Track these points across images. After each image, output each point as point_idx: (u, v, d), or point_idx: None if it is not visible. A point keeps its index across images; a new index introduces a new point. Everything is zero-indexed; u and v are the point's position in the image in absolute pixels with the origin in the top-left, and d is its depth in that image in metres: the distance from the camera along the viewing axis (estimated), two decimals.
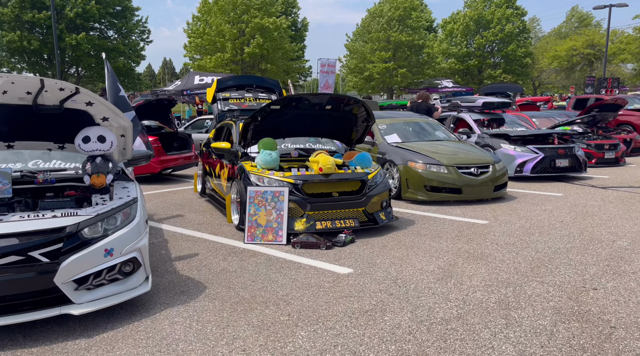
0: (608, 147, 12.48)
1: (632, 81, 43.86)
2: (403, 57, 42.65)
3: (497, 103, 11.98)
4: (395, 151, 8.27)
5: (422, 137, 9.13)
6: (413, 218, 6.75)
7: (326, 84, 18.06)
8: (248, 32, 33.08)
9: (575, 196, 8.40)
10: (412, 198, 7.83)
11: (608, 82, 20.06)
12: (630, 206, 7.54)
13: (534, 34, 72.08)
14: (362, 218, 5.74)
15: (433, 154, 7.96)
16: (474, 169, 7.82)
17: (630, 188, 9.17)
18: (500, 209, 7.39)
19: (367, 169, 6.00)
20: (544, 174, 10.06)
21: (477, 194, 7.83)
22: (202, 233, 5.83)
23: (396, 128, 9.16)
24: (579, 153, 10.34)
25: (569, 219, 6.70)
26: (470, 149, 8.50)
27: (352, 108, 6.24)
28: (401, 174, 7.96)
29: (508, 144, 10.33)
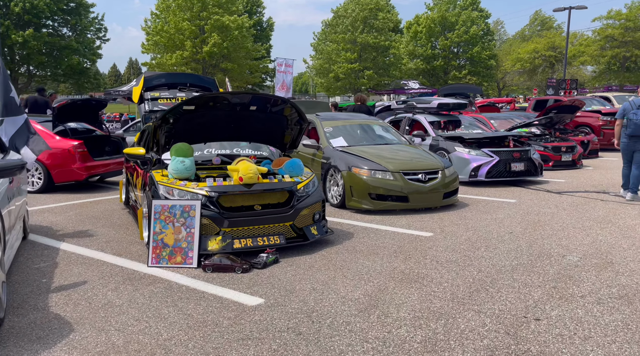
0: (565, 150, 12.22)
1: (592, 82, 44.75)
2: (369, 58, 42.37)
3: (453, 104, 11.56)
4: (340, 155, 7.67)
5: (371, 140, 8.57)
6: (352, 231, 6.15)
7: (283, 84, 17.41)
8: (207, 29, 32.10)
9: (528, 203, 7.98)
10: (356, 206, 7.24)
11: (567, 83, 20.07)
12: (584, 213, 7.14)
13: (498, 36, 73.21)
14: (290, 234, 5.10)
15: (379, 160, 7.40)
16: (422, 175, 7.29)
17: (585, 193, 8.82)
18: (449, 218, 6.87)
19: (298, 177, 5.37)
20: (499, 178, 9.65)
21: (425, 202, 7.30)
22: (105, 253, 5.07)
23: (343, 131, 8.57)
24: (534, 156, 9.98)
25: (519, 229, 6.22)
26: (419, 154, 7.97)
27: (283, 109, 5.60)
28: (345, 181, 7.36)
29: (462, 147, 9.89)
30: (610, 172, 11.43)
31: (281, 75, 17.23)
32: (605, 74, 42.15)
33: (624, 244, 5.49)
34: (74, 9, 37.30)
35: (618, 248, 5.37)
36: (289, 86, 17.66)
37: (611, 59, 39.65)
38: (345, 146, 8.07)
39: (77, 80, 39.36)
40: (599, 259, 4.97)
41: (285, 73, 17.56)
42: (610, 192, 8.91)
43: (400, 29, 59.52)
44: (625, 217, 6.87)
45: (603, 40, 38.92)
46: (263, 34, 53.90)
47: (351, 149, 7.90)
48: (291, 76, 18.09)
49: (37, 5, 33.90)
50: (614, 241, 5.63)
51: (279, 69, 17.11)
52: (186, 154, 5.03)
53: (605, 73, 42.63)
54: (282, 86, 17.29)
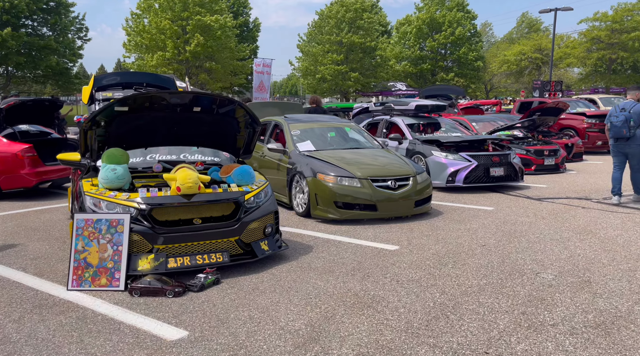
0: (548, 153, 11.83)
1: (578, 85, 44.71)
2: (356, 59, 41.92)
3: (432, 106, 11.11)
4: (306, 161, 7.17)
5: (342, 144, 8.08)
6: (312, 244, 5.65)
7: (261, 85, 16.86)
8: (189, 29, 31.47)
9: (506, 211, 7.53)
10: (322, 216, 6.74)
11: (551, 85, 19.76)
12: (563, 222, 6.70)
13: (486, 39, 73.23)
14: (235, 250, 4.58)
15: (347, 165, 6.91)
16: (392, 182, 6.81)
17: (566, 199, 8.40)
18: (419, 229, 6.39)
19: (247, 186, 4.86)
20: (477, 184, 9.20)
21: (395, 210, 6.82)
22: (26, 273, 4.52)
23: (312, 134, 8.07)
24: (514, 161, 9.55)
25: (492, 241, 5.75)
26: (391, 159, 7.49)
27: (233, 111, 5.08)
28: (310, 188, 6.86)
29: (439, 151, 9.43)
30: (594, 176, 11.05)
31: (259, 76, 16.67)
32: (592, 76, 42.09)
33: (603, 259, 5.04)
34: (53, 8, 36.47)
35: (597, 263, 4.92)
36: (268, 87, 17.11)
37: (597, 61, 39.56)
38: (313, 151, 7.57)
39: (57, 81, 38.47)
40: (575, 277, 4.52)
41: (263, 74, 17.01)
42: (593, 198, 8.51)
43: (389, 31, 59.26)
44: (606, 227, 6.44)
45: (589, 42, 38.84)
46: (249, 34, 53.27)
47: (318, 153, 7.40)
48: (269, 77, 17.55)
49: (16, 5, 33.02)
50: (593, 256, 5.18)
51: (256, 69, 16.55)
52: (119, 161, 4.50)
53: (592, 75, 42.59)
54: (260, 86, 16.74)
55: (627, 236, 5.99)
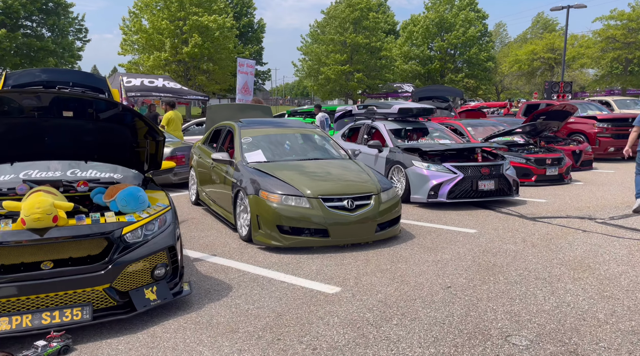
0: (550, 162, 10.57)
1: (593, 86, 42.96)
2: (361, 60, 40.75)
3: (417, 109, 9.94)
4: (252, 174, 6.06)
5: (300, 154, 6.95)
6: (235, 282, 4.53)
7: (245, 86, 15.80)
8: (186, 30, 30.56)
9: (491, 234, 6.34)
10: (263, 242, 5.62)
11: (560, 86, 18.42)
12: (557, 252, 5.50)
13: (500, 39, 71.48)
14: (104, 303, 3.49)
15: (296, 181, 5.78)
16: (348, 202, 5.66)
17: (565, 219, 7.18)
18: (377, 260, 5.24)
19: (134, 214, 3.76)
20: (463, 199, 8.01)
21: (352, 236, 5.67)
22: None
23: (265, 142, 6.96)
24: (508, 172, 8.34)
25: (462, 281, 4.59)
26: (353, 173, 6.35)
27: (124, 117, 4.00)
28: (251, 207, 5.75)
29: (420, 161, 8.26)
30: (603, 189, 9.78)
31: (243, 76, 15.62)
32: (607, 78, 40.31)
33: (599, 313, 3.86)
34: (52, 9, 35.90)
35: (590, 319, 3.74)
36: (251, 89, 16.06)
37: (613, 62, 37.84)
38: (262, 162, 6.46)
39: None
40: (558, 344, 3.35)
41: (247, 74, 15.96)
42: (598, 218, 7.28)
43: (397, 31, 57.96)
44: (609, 260, 5.23)
45: (604, 41, 37.12)
46: (254, 36, 52.43)
47: (268, 166, 6.29)
48: (253, 77, 16.48)
49: (11, 5, 32.46)
50: (587, 306, 3.99)
51: (240, 69, 15.52)
52: None
53: (607, 76, 40.81)
54: (244, 88, 15.70)
55: (633, 274, 4.78)
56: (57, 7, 36.01)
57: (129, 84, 22.28)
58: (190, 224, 6.94)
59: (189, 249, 5.63)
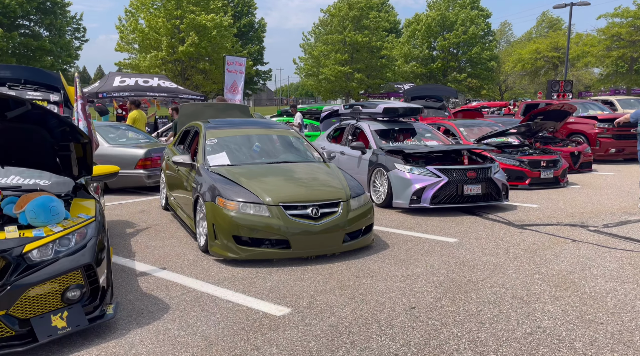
0: (545, 165, 10.06)
1: (597, 85, 42.23)
2: (361, 59, 40.24)
3: (404, 109, 9.45)
4: (212, 179, 5.60)
5: (269, 156, 6.49)
6: (175, 302, 4.07)
7: (234, 85, 15.35)
8: (183, 29, 30.17)
9: (472, 244, 5.86)
10: (220, 254, 5.15)
11: (560, 85, 17.86)
12: (541, 265, 5.01)
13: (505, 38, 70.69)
14: (1, 332, 3.04)
15: (257, 186, 5.32)
16: (312, 210, 5.19)
17: (556, 226, 6.69)
18: (340, 275, 4.77)
19: (45, 228, 3.31)
20: (448, 204, 7.53)
21: (316, 247, 5.19)
22: None
23: (231, 144, 6.50)
24: (496, 176, 7.84)
25: (429, 301, 4.11)
26: (322, 177, 5.87)
27: (37, 116, 3.55)
28: (208, 216, 5.29)
29: (403, 164, 7.78)
30: (600, 193, 9.26)
31: (231, 75, 15.16)
32: (612, 77, 39.58)
33: (578, 343, 3.37)
34: (49, 8, 35.64)
35: (566, 351, 3.26)
36: (240, 88, 15.60)
37: (618, 60, 37.11)
38: (226, 166, 6.00)
39: None
40: None
41: (236, 73, 15.50)
42: (591, 225, 6.77)
43: (399, 30, 57.35)
44: (596, 275, 4.73)
45: (608, 39, 36.42)
46: (255, 35, 51.96)
47: (231, 169, 5.83)
48: (243, 76, 16.03)
49: (8, 4, 32.20)
50: (565, 333, 3.51)
51: (228, 68, 15.04)
52: None
53: (612, 75, 40.08)
54: (232, 87, 15.24)
55: (621, 292, 4.28)
56: (54, 7, 35.75)
57: (122, 83, 21.92)
58: (152, 231, 6.49)
59: (140, 261, 5.18)
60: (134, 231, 6.50)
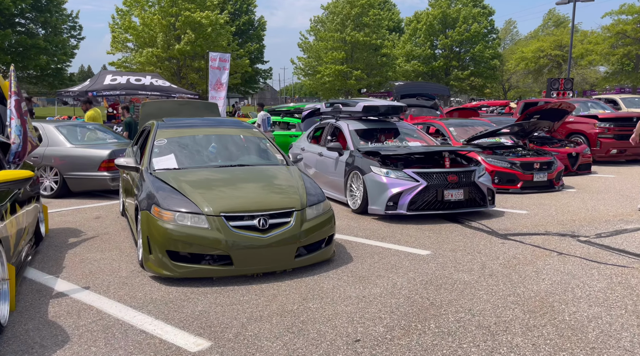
0: (539, 167, 9.41)
1: (602, 83, 41.33)
2: (361, 58, 39.59)
3: (384, 107, 8.82)
4: (152, 185, 5.01)
5: (225, 159, 5.89)
6: (79, 332, 3.48)
7: (217, 82, 14.75)
8: (179, 26, 29.64)
9: (447, 257, 5.24)
10: (154, 270, 4.56)
11: (560, 83, 17.17)
12: (518, 284, 4.39)
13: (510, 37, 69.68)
14: None
15: (198, 194, 4.72)
16: (260, 221, 4.58)
17: (543, 237, 6.06)
18: (285, 297, 4.17)
19: None
20: (427, 211, 6.91)
21: (264, 263, 4.58)
22: None
23: (185, 145, 5.91)
24: (480, 180, 7.21)
25: (378, 331, 3.50)
26: (277, 182, 5.27)
27: None
28: (142, 227, 4.71)
29: (379, 167, 7.16)
30: (597, 197, 8.61)
31: (215, 72, 14.54)
32: (617, 75, 38.65)
33: None
34: (44, 6, 35.22)
35: None
36: (225, 85, 14.99)
37: (622, 58, 36.21)
38: (172, 170, 5.42)
39: (51, 82, 37.27)
40: None
41: (220, 69, 14.89)
42: (582, 235, 6.14)
43: (402, 28, 56.60)
44: (580, 297, 4.10)
45: (614, 37, 35.54)
46: (255, 34, 51.34)
47: (176, 174, 5.25)
48: (227, 72, 15.41)
49: (2, 1, 31.78)
50: None
51: (212, 64, 14.43)
52: None
53: (618, 73, 39.15)
54: (216, 84, 14.64)
55: (606, 320, 3.65)
56: (48, 4, 35.33)
57: (114, 81, 21.39)
58: (96, 241, 5.91)
59: (64, 278, 4.60)
60: (77, 241, 5.92)
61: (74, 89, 23.09)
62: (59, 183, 8.75)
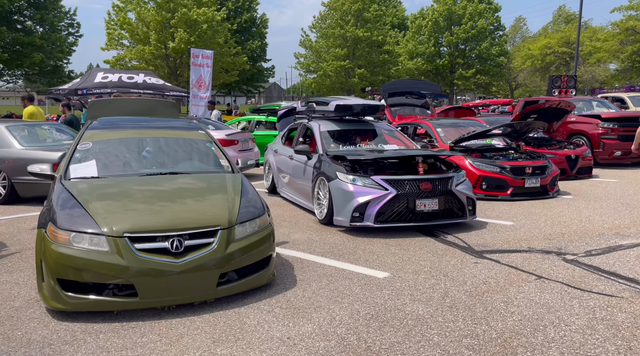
0: (531, 171, 8.61)
1: (611, 82, 40.11)
2: (363, 55, 38.74)
3: (359, 106, 8.05)
4: (57, 198, 4.29)
5: (159, 165, 5.16)
6: None
7: (199, 80, 14.03)
8: (174, 23, 29.01)
9: (406, 282, 4.48)
10: (46, 302, 3.79)
11: (562, 80, 16.27)
12: (479, 321, 3.62)
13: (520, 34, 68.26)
14: None
15: (104, 210, 3.99)
16: (173, 242, 3.85)
17: (525, 254, 5.27)
18: (192, 339, 3.44)
19: None
20: (397, 223, 6.14)
21: (177, 293, 3.83)
22: None
23: (111, 149, 5.19)
24: (458, 188, 6.43)
25: None
26: (206, 195, 4.54)
27: None
28: (37, 248, 3.99)
29: (345, 173, 6.40)
30: (594, 205, 7.80)
31: (197, 69, 13.83)
32: (627, 72, 37.39)
33: None
34: (41, 3, 34.74)
35: None
36: (208, 83, 14.26)
37: (632, 55, 34.97)
38: (90, 178, 4.70)
39: (49, 80, 36.83)
40: None
41: (202, 66, 14.17)
42: (569, 252, 5.36)
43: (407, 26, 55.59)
44: (551, 340, 3.33)
45: (623, 33, 34.32)
46: (257, 31, 50.61)
47: (92, 184, 4.53)
48: (210, 70, 14.69)
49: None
50: None
51: (194, 61, 13.70)
52: None
53: (628, 71, 37.88)
54: (198, 82, 13.93)
55: None
56: (45, 1, 34.82)
57: (105, 79, 20.79)
58: (12, 259, 5.23)
59: None
60: None
61: (64, 87, 22.57)
62: (7, 188, 8.09)
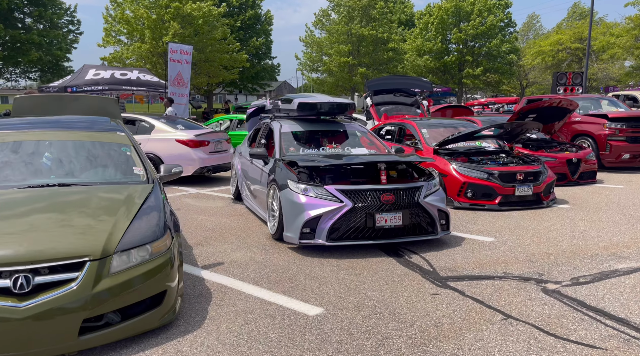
0: (522, 178, 7.66)
1: (625, 79, 38.61)
2: (368, 52, 37.69)
3: (326, 105, 7.14)
4: None
5: (60, 174, 4.33)
6: None
7: (178, 76, 13.22)
8: (168, 18, 28.27)
9: (341, 321, 3.60)
10: None
11: (568, 77, 15.19)
12: None
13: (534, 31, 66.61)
14: None
15: None
16: (18, 280, 2.99)
17: (496, 281, 4.36)
18: None
19: None
20: (354, 241, 5.25)
21: (19, 348, 2.96)
22: None
23: (3, 155, 4.36)
24: (427, 200, 5.50)
25: None
26: (90, 213, 3.67)
27: None
28: None
29: (296, 181, 5.52)
30: (592, 217, 6.82)
31: (175, 65, 13.04)
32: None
33: None
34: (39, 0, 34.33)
35: None
36: (187, 80, 13.44)
37: None
38: None
39: (49, 78, 36.45)
40: None
41: (181, 62, 13.36)
42: (551, 280, 4.43)
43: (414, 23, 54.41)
44: None
45: (638, 28, 32.88)
46: (262, 29, 49.79)
47: None
48: (189, 67, 13.87)
49: None
50: None
51: (172, 57, 12.90)
52: None
53: None
54: (177, 79, 13.13)
55: None
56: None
57: (97, 76, 20.13)
58: None
59: None
60: None
61: (54, 85, 22.03)
62: None
